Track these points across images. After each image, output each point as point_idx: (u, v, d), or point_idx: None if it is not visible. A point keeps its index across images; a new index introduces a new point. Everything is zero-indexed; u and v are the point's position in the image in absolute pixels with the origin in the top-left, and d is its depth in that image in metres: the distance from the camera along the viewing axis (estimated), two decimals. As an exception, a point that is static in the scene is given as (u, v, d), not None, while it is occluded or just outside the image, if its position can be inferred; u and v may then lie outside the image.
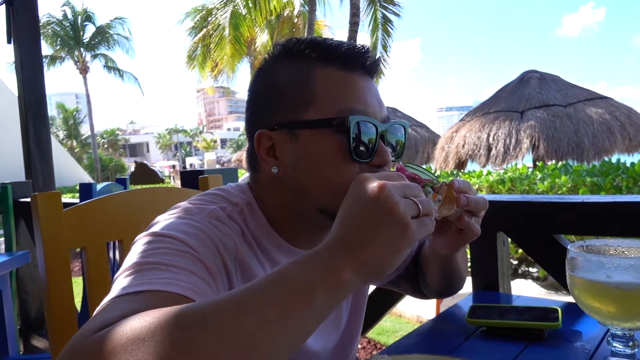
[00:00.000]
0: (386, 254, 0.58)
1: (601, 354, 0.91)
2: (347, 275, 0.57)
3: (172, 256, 0.69)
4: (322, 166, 0.82)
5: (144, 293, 0.61)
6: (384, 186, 0.59)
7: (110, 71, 33.86)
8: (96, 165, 33.76)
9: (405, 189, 0.62)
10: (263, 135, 0.85)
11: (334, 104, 0.81)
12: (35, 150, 3.45)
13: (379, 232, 0.58)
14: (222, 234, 0.80)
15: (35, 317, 3.38)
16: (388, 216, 0.58)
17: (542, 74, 10.39)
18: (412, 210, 0.60)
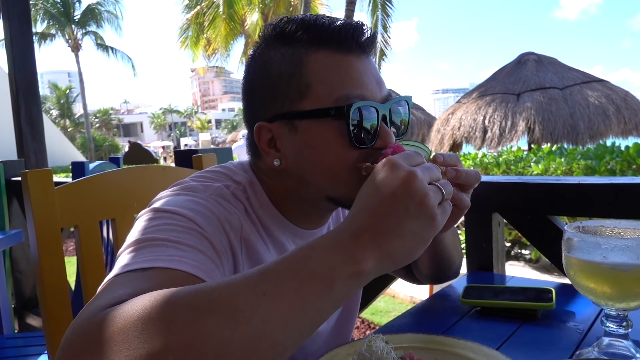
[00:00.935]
0: (413, 245, 0.57)
1: (594, 334, 0.91)
2: (370, 265, 0.55)
3: (179, 233, 0.68)
4: (324, 156, 0.79)
5: (152, 270, 0.60)
6: (414, 176, 0.57)
7: (102, 49, 33.35)
8: (89, 145, 33.51)
9: (431, 174, 0.60)
10: (262, 127, 0.83)
11: (329, 91, 0.78)
12: (27, 129, 3.40)
13: (408, 224, 0.56)
14: (228, 212, 0.79)
15: (30, 296, 3.39)
16: (418, 208, 0.56)
17: (540, 56, 10.33)
18: (438, 198, 0.59)
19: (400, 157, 0.61)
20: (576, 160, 4.67)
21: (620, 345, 0.78)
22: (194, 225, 0.70)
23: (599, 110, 8.77)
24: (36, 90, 3.48)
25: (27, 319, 3.35)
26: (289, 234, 0.90)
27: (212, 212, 0.76)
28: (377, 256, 0.55)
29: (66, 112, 43.52)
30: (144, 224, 0.70)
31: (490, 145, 9.10)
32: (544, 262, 5.21)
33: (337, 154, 0.79)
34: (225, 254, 0.75)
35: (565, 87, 9.26)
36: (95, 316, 0.51)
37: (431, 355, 0.83)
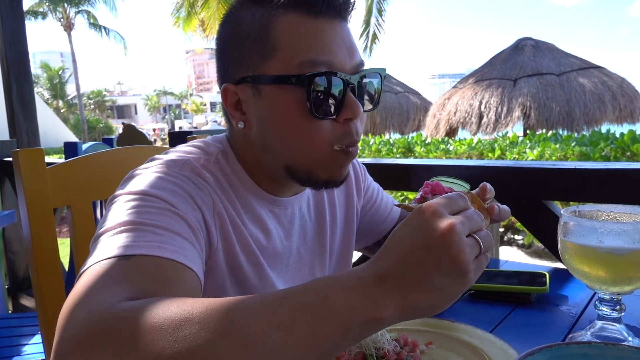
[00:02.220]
0: (439, 300, 0.53)
1: (586, 318, 0.92)
2: (390, 313, 0.51)
3: (154, 215, 0.67)
4: (285, 123, 0.78)
5: (135, 258, 0.60)
6: (453, 229, 0.51)
7: (95, 29, 32.82)
8: (83, 127, 33.20)
9: (472, 224, 0.55)
10: (229, 89, 0.81)
11: (295, 56, 0.75)
12: (19, 108, 3.36)
13: (437, 279, 0.51)
14: (198, 188, 0.78)
15: (23, 277, 3.38)
16: (452, 264, 0.51)
17: (537, 42, 10.30)
18: (475, 253, 0.54)
19: (443, 203, 0.55)
20: (571, 146, 4.69)
21: (612, 328, 0.78)
22: (167, 205, 0.70)
23: (595, 97, 8.78)
24: (28, 68, 3.42)
25: (21, 299, 3.35)
26: (264, 202, 0.89)
27: (183, 188, 0.75)
28: (400, 306, 0.51)
29: (59, 93, 43.02)
30: (119, 207, 0.69)
31: (486, 130, 9.11)
32: (537, 247, 5.26)
33: (298, 124, 0.77)
34: (200, 230, 0.75)
35: (562, 73, 9.25)
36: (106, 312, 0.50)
37: (425, 337, 0.84)
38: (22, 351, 1.75)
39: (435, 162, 1.65)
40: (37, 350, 1.75)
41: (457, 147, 5.66)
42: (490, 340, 0.80)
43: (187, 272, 0.64)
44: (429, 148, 5.89)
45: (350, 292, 0.51)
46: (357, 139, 0.81)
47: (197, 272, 0.66)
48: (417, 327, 0.88)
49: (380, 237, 1.14)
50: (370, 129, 13.13)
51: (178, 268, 0.62)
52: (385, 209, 1.14)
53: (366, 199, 1.12)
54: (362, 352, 0.74)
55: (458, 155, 5.63)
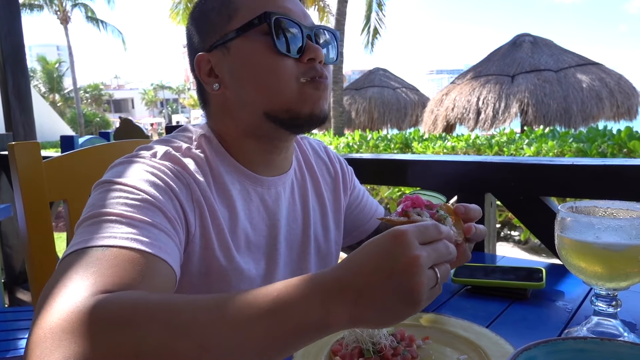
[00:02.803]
0: (388, 319, 0.56)
1: (582, 314, 0.92)
2: (341, 322, 0.54)
3: (131, 207, 0.70)
4: (255, 68, 0.85)
5: (110, 249, 0.63)
6: (418, 262, 0.54)
7: (92, 22, 32.61)
8: (79, 120, 33.06)
9: (437, 256, 0.58)
10: (202, 59, 0.88)
11: (254, 10, 0.84)
12: (15, 102, 3.33)
13: (392, 302, 0.54)
14: (177, 177, 0.80)
15: (20, 271, 3.37)
16: (408, 294, 0.54)
17: (535, 38, 10.29)
18: (431, 285, 0.57)
19: (416, 232, 0.57)
20: (568, 143, 4.69)
21: (608, 324, 0.79)
22: (145, 197, 0.72)
23: (593, 94, 8.79)
24: (24, 61, 3.40)
25: (18, 293, 3.34)
26: (248, 182, 0.92)
27: (162, 179, 0.78)
28: (351, 318, 0.54)
29: (55, 87, 42.78)
30: (100, 196, 0.72)
31: (484, 126, 9.12)
32: (533, 243, 5.28)
33: (267, 64, 0.84)
34: (178, 219, 0.77)
35: (560, 69, 9.26)
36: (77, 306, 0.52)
37: (422, 332, 0.84)
38: (18, 345, 1.74)
39: (433, 158, 1.65)
40: (34, 344, 1.74)
41: (455, 143, 5.66)
42: (486, 336, 0.81)
43: (161, 263, 0.66)
44: (427, 144, 5.89)
45: (310, 300, 0.54)
46: (324, 74, 0.87)
47: (171, 264, 0.68)
48: (414, 322, 0.88)
49: (364, 236, 1.17)
50: (367, 124, 13.13)
51: (151, 260, 0.65)
52: (370, 211, 1.18)
53: (352, 198, 1.15)
54: (359, 347, 0.74)
55: (456, 151, 5.63)
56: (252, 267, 0.91)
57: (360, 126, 13.02)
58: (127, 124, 5.34)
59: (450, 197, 1.50)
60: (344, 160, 1.16)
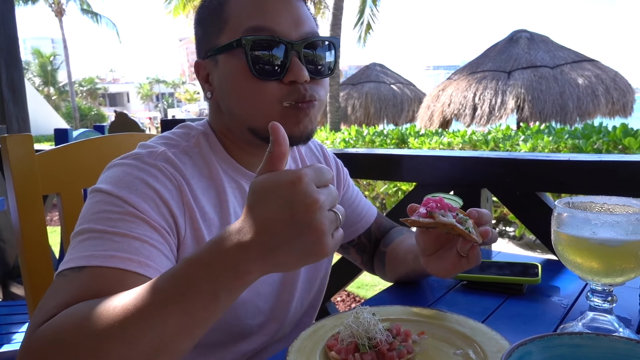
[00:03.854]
0: (297, 261, 0.58)
1: (578, 309, 0.92)
2: (253, 276, 0.57)
3: (115, 221, 0.72)
4: (235, 86, 0.85)
5: (86, 270, 0.67)
6: (318, 204, 0.55)
7: (87, 15, 32.34)
8: (74, 114, 32.85)
9: (333, 200, 0.59)
10: (199, 65, 0.91)
11: (241, 24, 0.82)
12: (9, 95, 3.31)
13: (298, 246, 0.56)
14: (167, 179, 0.81)
15: (14, 265, 3.35)
16: (313, 235, 0.55)
17: (532, 34, 10.30)
18: (334, 227, 0.58)
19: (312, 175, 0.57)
20: (563, 139, 4.70)
21: (604, 319, 0.79)
22: (131, 207, 0.74)
23: (588, 90, 8.82)
24: (17, 54, 3.37)
25: (12, 287, 3.32)
26: (244, 179, 0.93)
27: (149, 185, 0.78)
28: (261, 269, 0.57)
29: (50, 80, 42.47)
30: (89, 208, 0.76)
31: (480, 122, 9.12)
32: (528, 239, 5.30)
33: (245, 85, 0.83)
34: (167, 226, 0.78)
35: (556, 65, 9.27)
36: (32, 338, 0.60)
37: (418, 327, 0.84)
38: (11, 339, 1.73)
39: (429, 153, 1.65)
40: (27, 338, 1.73)
41: (451, 139, 5.66)
42: (482, 331, 0.81)
43: (138, 280, 0.69)
44: (423, 139, 5.89)
45: (211, 270, 0.56)
46: (308, 98, 0.85)
47: (151, 277, 0.70)
48: (410, 317, 0.88)
49: (355, 236, 1.17)
50: (364, 119, 13.12)
51: (126, 277, 0.68)
52: (362, 212, 1.18)
53: (345, 198, 1.16)
54: (355, 342, 0.74)
55: (452, 147, 5.63)
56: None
57: (357, 121, 13.01)
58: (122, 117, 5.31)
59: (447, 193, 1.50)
60: (340, 162, 1.18)
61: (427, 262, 0.88)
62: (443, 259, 0.85)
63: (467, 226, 0.81)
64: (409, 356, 0.74)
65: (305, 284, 1.05)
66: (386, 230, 1.19)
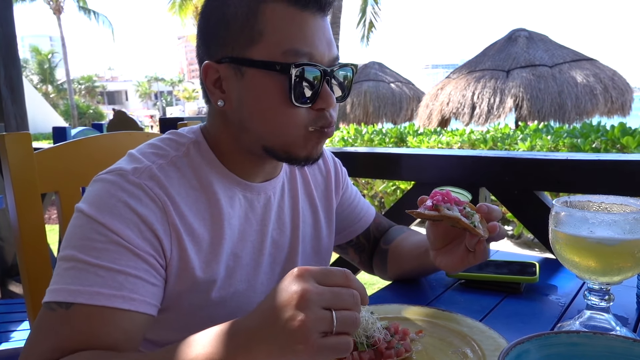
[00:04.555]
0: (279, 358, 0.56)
1: (575, 308, 0.93)
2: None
3: (100, 252, 0.73)
4: (265, 107, 0.81)
5: (73, 307, 0.70)
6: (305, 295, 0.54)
7: (84, 12, 32.25)
8: (73, 112, 32.79)
9: (335, 301, 0.56)
10: (210, 67, 0.83)
11: (280, 44, 0.79)
12: (7, 92, 3.30)
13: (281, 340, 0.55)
14: (152, 200, 0.79)
15: (12, 263, 3.35)
16: (294, 330, 0.54)
17: (531, 33, 10.29)
18: (322, 327, 0.55)
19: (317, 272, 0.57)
20: (562, 138, 4.71)
21: (601, 318, 0.79)
22: (114, 236, 0.74)
23: (587, 89, 8.82)
24: (15, 52, 3.36)
25: (10, 286, 3.32)
26: (238, 188, 0.90)
27: (132, 209, 0.77)
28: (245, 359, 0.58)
29: (48, 78, 42.37)
30: (74, 231, 0.76)
31: (478, 121, 9.12)
32: (526, 237, 5.31)
33: (277, 108, 0.80)
34: (153, 250, 0.78)
35: (555, 64, 9.27)
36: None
37: (416, 326, 0.84)
38: (10, 337, 1.73)
39: (428, 152, 1.65)
40: (26, 336, 1.73)
41: (450, 138, 5.67)
42: (480, 329, 0.81)
43: (123, 315, 0.71)
44: (421, 138, 5.89)
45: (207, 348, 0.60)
46: (331, 122, 0.85)
47: (137, 309, 0.73)
48: (408, 315, 0.88)
49: (353, 236, 1.17)
50: (363, 118, 13.11)
51: (114, 314, 0.71)
52: (360, 212, 1.17)
53: (343, 198, 1.15)
54: (353, 340, 0.74)
55: (450, 145, 5.64)
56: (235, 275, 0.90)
57: (355, 120, 13.00)
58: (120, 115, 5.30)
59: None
60: (339, 161, 1.17)
61: (436, 256, 0.90)
62: (452, 253, 0.87)
63: (473, 220, 0.81)
64: (406, 355, 0.74)
65: None
66: (385, 229, 1.19)
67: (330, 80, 0.83)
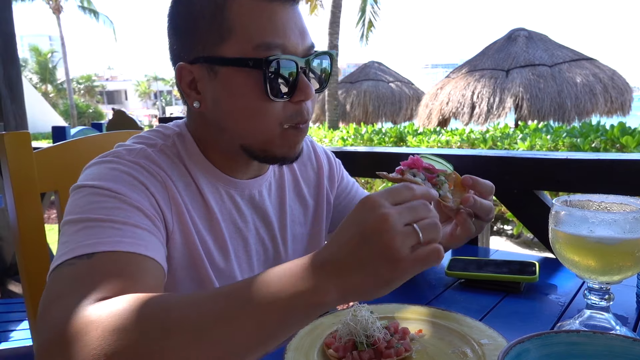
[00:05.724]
0: (375, 284, 0.55)
1: (575, 307, 0.93)
2: (332, 296, 0.55)
3: (111, 210, 0.70)
4: (240, 104, 0.80)
5: (97, 255, 0.64)
6: (387, 218, 0.55)
7: (84, 12, 32.20)
8: (72, 112, 32.76)
9: (413, 214, 0.57)
10: (184, 68, 0.82)
11: (250, 38, 0.77)
12: (6, 92, 3.30)
13: (372, 264, 0.54)
14: (152, 175, 0.79)
15: (12, 263, 3.35)
16: (384, 251, 0.54)
17: (530, 33, 10.29)
18: (411, 242, 0.55)
19: (384, 194, 0.58)
20: (561, 138, 4.71)
21: (601, 317, 0.79)
22: (123, 198, 0.72)
23: (586, 89, 8.82)
24: (14, 51, 3.36)
25: (9, 285, 3.32)
26: (221, 184, 0.90)
27: (136, 178, 0.77)
28: (340, 290, 0.55)
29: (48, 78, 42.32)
30: (79, 200, 0.72)
31: (478, 121, 9.12)
32: (525, 237, 5.31)
33: (254, 105, 0.79)
34: (157, 215, 0.77)
35: (554, 64, 9.27)
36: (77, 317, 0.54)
37: (415, 325, 0.84)
38: (9, 337, 1.73)
39: (427, 151, 1.65)
40: (25, 336, 1.74)
41: (449, 137, 5.67)
42: (479, 329, 0.81)
43: (149, 262, 0.68)
44: (421, 138, 5.89)
45: (292, 280, 0.55)
46: (308, 118, 0.84)
47: (158, 260, 0.70)
48: (408, 315, 0.88)
49: None
50: (362, 117, 13.11)
51: (140, 260, 0.66)
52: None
53: (340, 189, 1.14)
54: (353, 340, 0.74)
55: (450, 145, 5.64)
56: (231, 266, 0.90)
57: (355, 119, 13.00)
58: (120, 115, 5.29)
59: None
60: (331, 153, 1.16)
61: None
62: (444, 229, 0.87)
63: (443, 190, 0.80)
64: (406, 354, 0.74)
65: None
66: None
67: (307, 71, 0.80)
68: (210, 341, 0.53)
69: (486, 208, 0.82)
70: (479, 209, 0.82)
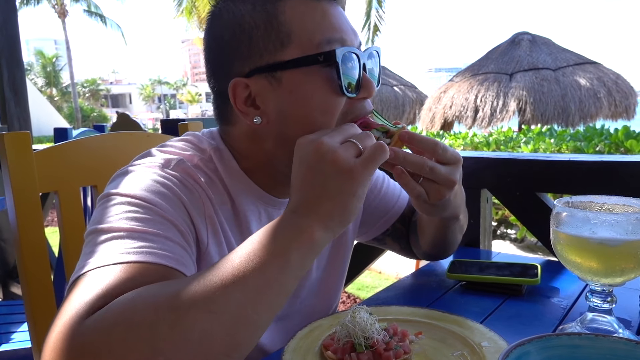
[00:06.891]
0: (344, 202, 0.62)
1: (577, 310, 0.92)
2: (318, 232, 0.61)
3: (142, 222, 0.67)
4: (311, 106, 0.76)
5: (128, 265, 0.61)
6: (321, 142, 0.63)
7: (90, 16, 32.41)
8: (77, 115, 32.93)
9: (343, 133, 0.66)
10: (238, 84, 0.78)
11: (311, 37, 0.75)
12: (10, 95, 3.31)
13: (330, 185, 0.62)
14: (189, 190, 0.77)
15: (14, 265, 3.35)
16: (332, 167, 0.61)
17: (534, 36, 10.28)
18: (353, 152, 0.63)
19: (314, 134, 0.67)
20: (565, 141, 4.69)
21: (603, 320, 0.78)
22: (157, 210, 0.70)
23: (590, 93, 8.79)
24: (19, 55, 3.37)
25: (11, 287, 3.32)
26: (261, 202, 0.88)
27: (173, 191, 0.74)
28: (319, 222, 0.62)
29: (53, 81, 42.58)
30: (112, 209, 0.70)
31: (481, 124, 9.11)
32: (529, 241, 5.28)
33: (327, 104, 0.76)
34: (190, 232, 0.75)
35: (558, 68, 9.25)
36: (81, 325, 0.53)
37: (415, 327, 0.83)
38: (10, 339, 1.73)
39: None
40: (26, 337, 1.73)
41: (452, 141, 5.66)
42: (480, 331, 0.80)
43: (178, 275, 0.65)
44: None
45: (277, 233, 0.61)
46: (368, 112, 0.82)
47: (187, 274, 0.67)
48: (407, 317, 0.87)
49: (389, 225, 1.10)
50: (365, 121, 13.10)
51: (169, 272, 0.64)
52: (393, 196, 1.10)
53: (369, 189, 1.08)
54: (351, 342, 0.73)
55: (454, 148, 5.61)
56: None
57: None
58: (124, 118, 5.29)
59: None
60: None
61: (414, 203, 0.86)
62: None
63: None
64: (405, 356, 0.73)
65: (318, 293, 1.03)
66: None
67: (366, 67, 0.79)
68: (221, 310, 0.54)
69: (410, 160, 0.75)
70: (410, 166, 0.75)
